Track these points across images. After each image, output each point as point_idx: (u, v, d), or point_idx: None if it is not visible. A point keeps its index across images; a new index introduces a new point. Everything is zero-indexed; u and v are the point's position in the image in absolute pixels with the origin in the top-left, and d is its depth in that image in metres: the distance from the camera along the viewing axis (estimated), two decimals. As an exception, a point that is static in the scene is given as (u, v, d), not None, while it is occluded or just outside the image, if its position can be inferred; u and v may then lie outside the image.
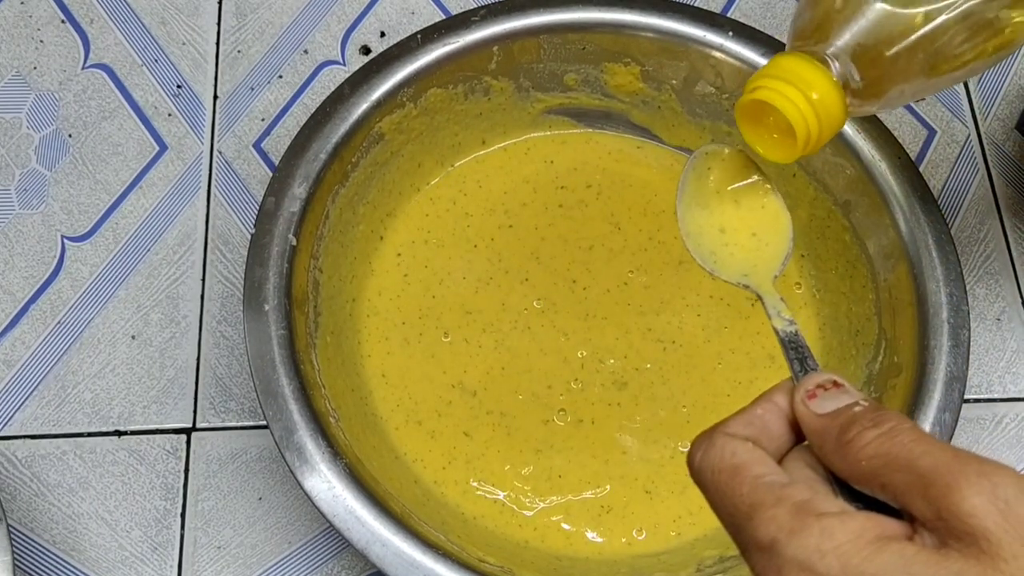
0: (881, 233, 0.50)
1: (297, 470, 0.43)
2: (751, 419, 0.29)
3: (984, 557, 0.22)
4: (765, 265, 0.39)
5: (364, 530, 0.42)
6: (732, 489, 0.26)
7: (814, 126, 0.35)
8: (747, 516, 0.25)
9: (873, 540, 0.23)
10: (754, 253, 0.39)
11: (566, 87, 0.55)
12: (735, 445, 0.27)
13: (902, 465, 0.24)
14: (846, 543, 0.23)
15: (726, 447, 0.27)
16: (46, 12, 0.63)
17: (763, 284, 0.38)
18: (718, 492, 0.27)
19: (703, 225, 0.40)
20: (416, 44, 0.51)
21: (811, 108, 0.35)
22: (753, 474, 0.26)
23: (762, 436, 0.28)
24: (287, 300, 0.46)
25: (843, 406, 0.27)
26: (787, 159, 0.37)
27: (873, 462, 0.25)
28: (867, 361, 0.50)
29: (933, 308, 0.47)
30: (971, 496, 0.23)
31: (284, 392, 0.44)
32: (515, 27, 0.52)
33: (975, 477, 0.23)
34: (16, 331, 0.55)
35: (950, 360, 0.45)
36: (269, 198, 0.48)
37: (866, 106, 0.37)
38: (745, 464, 0.27)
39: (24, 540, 0.50)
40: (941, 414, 0.45)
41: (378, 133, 0.51)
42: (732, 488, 0.26)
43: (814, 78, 0.35)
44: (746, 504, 0.26)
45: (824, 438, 0.27)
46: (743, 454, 0.27)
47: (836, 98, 0.35)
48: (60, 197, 0.58)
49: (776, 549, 0.24)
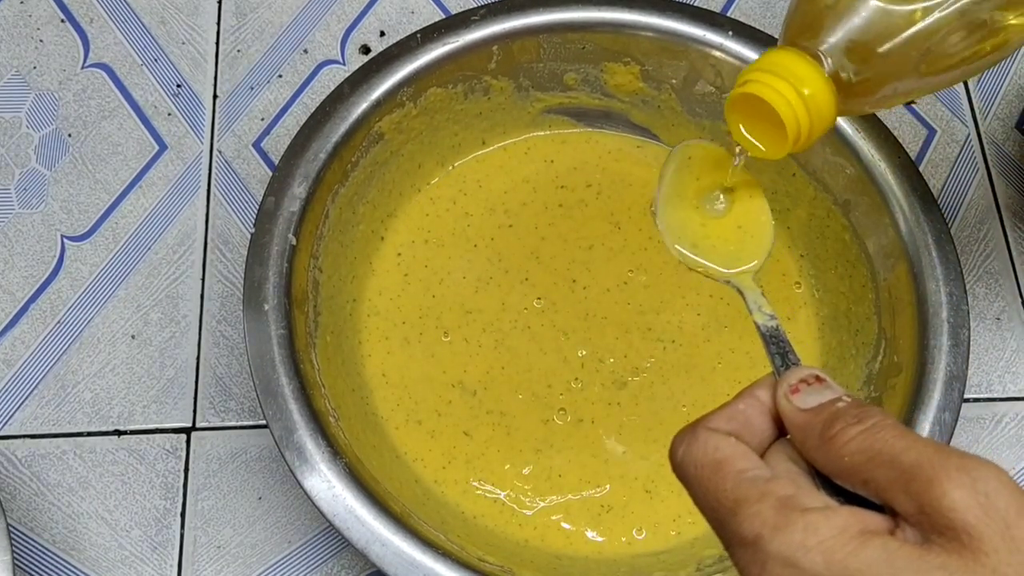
0: (881, 233, 0.50)
1: (297, 470, 0.43)
2: (733, 414, 0.29)
3: (966, 551, 0.22)
4: (747, 259, 0.39)
5: (364, 529, 0.42)
6: (715, 484, 0.26)
7: (804, 122, 0.35)
8: (731, 511, 0.25)
9: (856, 535, 0.23)
10: (737, 247, 0.39)
11: (566, 87, 0.55)
12: (718, 440, 0.27)
13: (884, 461, 0.24)
14: (830, 538, 0.23)
15: (708, 442, 0.27)
16: (46, 12, 0.63)
17: (744, 279, 0.38)
18: (701, 487, 0.27)
19: (684, 219, 0.40)
20: (416, 43, 0.51)
21: (802, 103, 0.35)
22: (736, 469, 0.26)
23: (744, 431, 0.28)
24: (287, 300, 0.46)
25: (826, 401, 0.27)
26: (776, 155, 0.37)
27: (856, 458, 0.25)
28: (867, 360, 0.50)
29: (933, 307, 0.47)
30: (952, 490, 0.23)
31: (284, 392, 0.44)
32: (515, 26, 0.52)
33: (956, 472, 0.23)
34: (16, 331, 0.55)
35: (950, 359, 0.45)
36: (269, 198, 0.48)
37: (858, 104, 0.36)
38: (728, 459, 0.27)
39: (24, 540, 0.50)
40: (941, 413, 0.45)
41: (378, 133, 0.51)
42: (715, 483, 0.26)
43: (806, 73, 0.35)
44: (730, 499, 0.26)
45: (807, 433, 0.27)
46: (726, 449, 0.27)
47: (827, 94, 0.35)
48: (60, 197, 0.58)
49: (760, 545, 0.24)
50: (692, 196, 0.40)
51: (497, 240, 0.55)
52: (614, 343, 0.53)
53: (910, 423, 0.45)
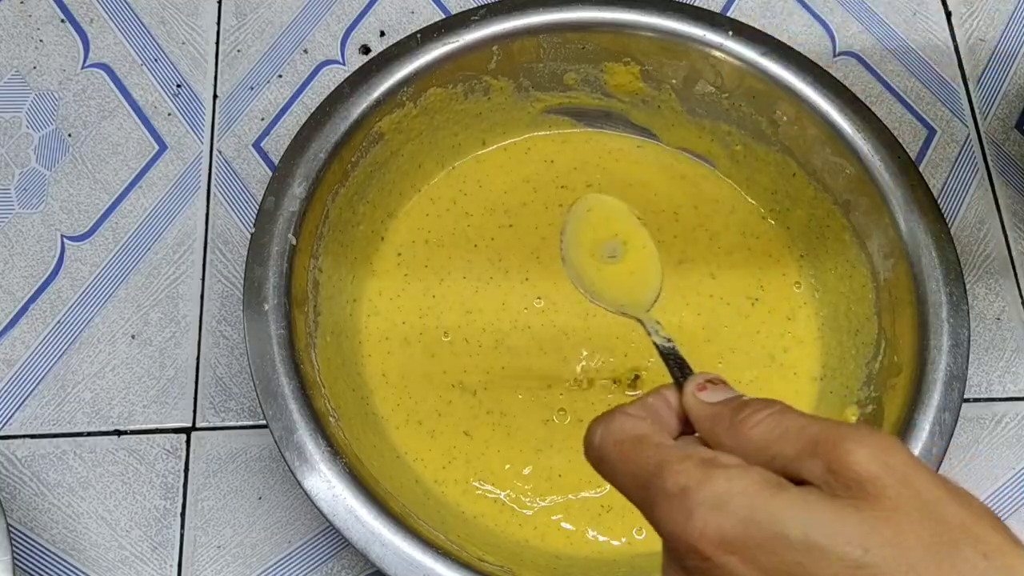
0: (881, 233, 0.50)
1: (297, 470, 0.43)
2: (644, 405, 0.31)
3: (871, 498, 0.25)
4: (641, 297, 0.43)
5: (364, 529, 0.42)
6: (638, 453, 0.29)
7: None
8: (654, 473, 0.27)
9: (775, 484, 0.26)
10: (629, 287, 0.43)
11: (566, 87, 0.55)
12: (635, 421, 0.30)
13: (792, 434, 0.27)
14: (752, 485, 0.25)
15: (627, 422, 0.30)
16: (46, 12, 0.63)
17: (639, 312, 0.41)
18: (622, 459, 0.29)
19: (583, 264, 0.44)
20: (416, 43, 0.51)
21: None
22: (656, 441, 0.29)
23: (656, 421, 0.31)
24: (287, 300, 0.46)
25: (732, 396, 0.30)
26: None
27: (766, 435, 0.27)
28: (867, 360, 0.50)
29: (933, 307, 0.47)
30: (856, 450, 0.25)
31: (284, 392, 0.44)
32: (515, 26, 0.52)
33: (858, 436, 0.26)
34: (16, 331, 0.55)
35: (950, 360, 0.45)
36: (269, 197, 0.48)
37: None
38: (648, 434, 0.29)
39: (24, 540, 0.50)
40: (941, 413, 0.45)
41: (378, 133, 0.51)
42: (637, 452, 0.29)
43: None
44: (653, 463, 0.28)
45: (715, 421, 0.29)
46: (644, 427, 0.30)
47: None
48: (60, 197, 0.58)
49: (687, 495, 0.26)
50: (589, 244, 0.44)
51: (497, 240, 0.55)
52: (614, 343, 0.53)
53: (910, 423, 0.45)
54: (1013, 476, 0.53)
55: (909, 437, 0.44)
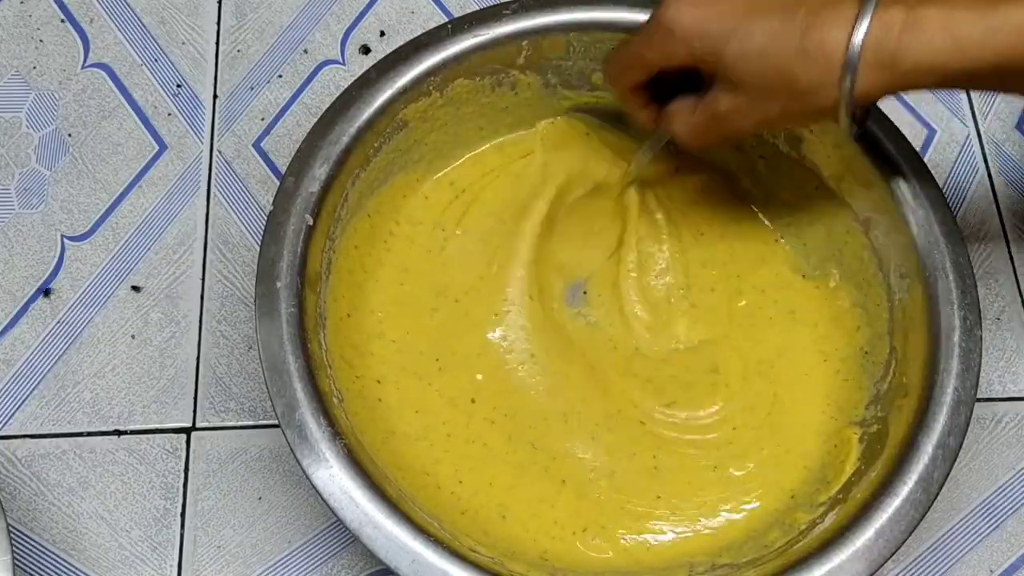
0: (899, 253, 0.49)
1: (296, 448, 0.42)
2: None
3: None
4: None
5: (357, 511, 0.42)
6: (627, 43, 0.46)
7: None
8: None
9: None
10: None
11: (593, 86, 0.55)
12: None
13: None
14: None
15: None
16: (46, 12, 0.63)
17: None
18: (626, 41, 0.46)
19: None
20: (446, 34, 0.51)
21: None
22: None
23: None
24: (299, 279, 0.46)
25: None
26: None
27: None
28: (875, 380, 0.49)
29: (946, 331, 0.45)
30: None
31: (290, 369, 0.44)
32: (545, 23, 0.52)
33: None
34: (16, 331, 0.55)
35: (959, 384, 0.44)
36: (289, 177, 0.47)
37: None
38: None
39: (24, 540, 0.50)
40: (945, 438, 0.43)
41: (402, 120, 0.51)
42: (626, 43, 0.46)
43: None
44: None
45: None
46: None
47: None
48: (60, 196, 0.58)
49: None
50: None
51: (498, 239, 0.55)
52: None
53: (914, 446, 0.43)
54: (1013, 476, 0.53)
55: (912, 460, 0.43)
